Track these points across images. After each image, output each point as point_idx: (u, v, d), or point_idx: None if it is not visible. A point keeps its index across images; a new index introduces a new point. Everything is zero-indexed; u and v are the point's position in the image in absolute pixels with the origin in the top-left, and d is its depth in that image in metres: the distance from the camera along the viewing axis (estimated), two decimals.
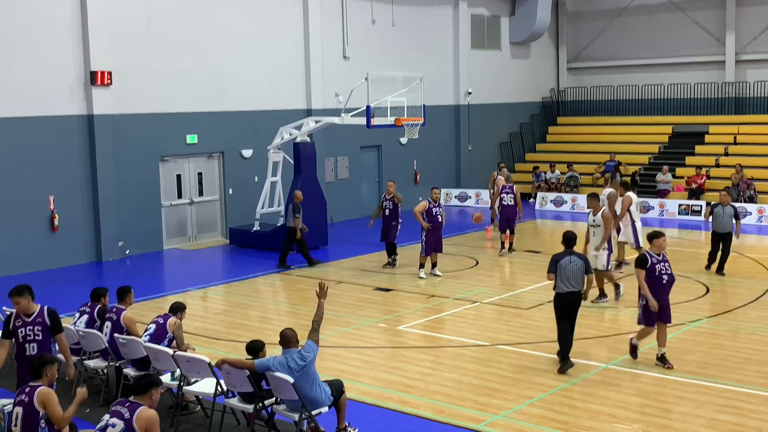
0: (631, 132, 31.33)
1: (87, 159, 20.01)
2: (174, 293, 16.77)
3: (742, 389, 10.45)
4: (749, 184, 25.55)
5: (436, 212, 17.10)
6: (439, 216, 17.12)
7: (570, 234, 11.63)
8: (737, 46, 30.49)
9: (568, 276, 11.20)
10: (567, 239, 11.59)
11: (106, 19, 19.96)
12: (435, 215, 17.09)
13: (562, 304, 11.34)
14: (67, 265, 19.52)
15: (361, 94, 19.69)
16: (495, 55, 31.77)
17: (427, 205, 17.17)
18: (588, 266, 11.38)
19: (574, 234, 11.67)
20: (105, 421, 7.01)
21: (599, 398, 10.24)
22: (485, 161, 31.12)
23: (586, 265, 11.33)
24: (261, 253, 20.90)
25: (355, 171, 26.83)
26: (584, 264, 11.33)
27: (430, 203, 17.18)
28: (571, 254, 11.33)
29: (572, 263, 11.21)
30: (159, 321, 10.35)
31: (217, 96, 22.60)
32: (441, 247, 17.44)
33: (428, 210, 17.10)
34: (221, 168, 23.25)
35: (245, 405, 9.01)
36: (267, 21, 23.75)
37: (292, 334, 8.77)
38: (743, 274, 17.23)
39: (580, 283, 11.24)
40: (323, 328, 13.85)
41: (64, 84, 19.56)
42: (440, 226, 17.19)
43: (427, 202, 17.23)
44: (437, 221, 17.10)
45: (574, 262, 11.23)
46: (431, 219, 17.06)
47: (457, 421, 9.66)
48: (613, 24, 33.29)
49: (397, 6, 27.47)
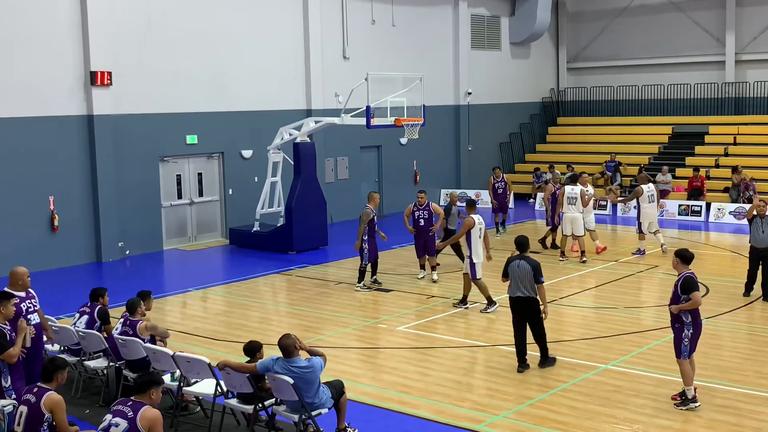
0: (631, 132, 31.32)
1: (87, 159, 20.01)
2: (174, 293, 16.77)
3: (742, 390, 10.45)
4: (748, 185, 25.53)
5: (418, 216, 17.00)
6: (422, 220, 16.97)
7: (521, 238, 11.55)
8: (737, 46, 30.48)
9: (517, 280, 11.14)
10: (518, 243, 11.52)
11: (106, 19, 19.96)
12: (417, 219, 17.01)
13: (512, 308, 11.33)
14: (67, 266, 19.52)
15: (361, 94, 19.68)
16: (495, 56, 31.78)
17: (412, 209, 17.16)
18: (537, 274, 11.07)
19: (525, 238, 11.56)
20: (107, 420, 7.01)
21: (599, 399, 10.24)
22: (485, 161, 31.11)
23: (535, 272, 11.06)
24: (261, 253, 20.91)
25: (355, 171, 26.83)
26: (532, 270, 11.06)
27: (415, 207, 17.13)
28: (521, 258, 11.23)
29: (520, 267, 11.13)
30: (128, 332, 10.09)
31: (217, 96, 22.60)
32: (432, 251, 17.14)
33: (412, 213, 17.15)
34: (221, 168, 23.25)
35: (245, 405, 9.01)
36: (267, 21, 23.75)
37: (290, 343, 8.63)
38: (742, 275, 17.20)
39: (529, 289, 11.08)
40: (323, 328, 13.90)
41: (64, 84, 19.56)
42: (423, 230, 16.98)
43: (412, 206, 17.21)
44: (419, 225, 16.99)
45: (522, 266, 11.13)
46: (414, 223, 17.06)
47: (457, 422, 9.66)
48: (613, 24, 33.29)
49: (397, 6, 27.47)
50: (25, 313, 9.44)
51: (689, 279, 9.71)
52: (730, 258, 19.47)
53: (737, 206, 24.78)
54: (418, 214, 17.06)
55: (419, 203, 17.15)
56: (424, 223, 17.00)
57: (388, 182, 27.97)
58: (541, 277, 11.13)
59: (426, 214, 17.05)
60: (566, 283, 16.72)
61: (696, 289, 9.63)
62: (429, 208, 17.09)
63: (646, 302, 14.99)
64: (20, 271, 9.64)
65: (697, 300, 9.63)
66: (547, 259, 18.31)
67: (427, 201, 17.25)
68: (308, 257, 20.21)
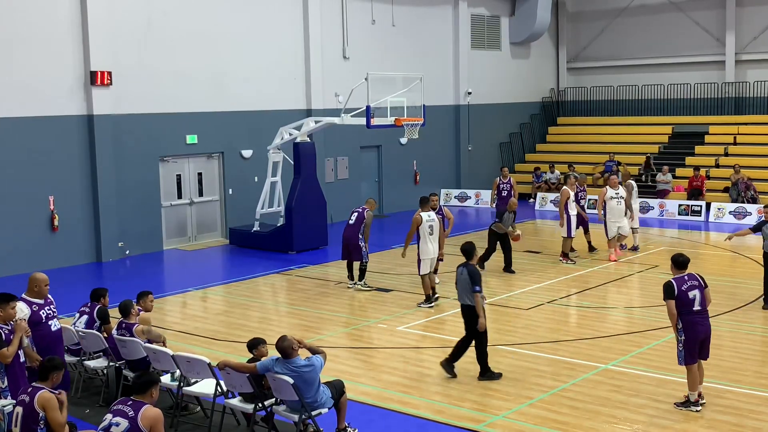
0: (631, 132, 31.32)
1: (87, 159, 20.01)
2: (174, 293, 16.77)
3: (742, 390, 10.46)
4: (749, 185, 25.54)
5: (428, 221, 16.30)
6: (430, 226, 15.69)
7: (466, 245, 11.40)
8: (737, 46, 30.48)
9: (460, 288, 11.06)
10: (463, 251, 11.39)
11: (106, 19, 19.96)
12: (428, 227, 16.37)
13: (462, 315, 11.23)
14: (67, 266, 19.52)
15: (361, 94, 19.69)
16: (495, 55, 31.78)
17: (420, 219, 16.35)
18: (474, 283, 10.82)
19: (470, 245, 11.42)
20: (108, 420, 7.02)
21: (599, 399, 10.25)
22: (485, 161, 31.15)
23: (471, 281, 10.85)
24: (261, 253, 20.91)
25: (355, 171, 26.83)
26: (469, 279, 10.88)
27: None
28: (464, 266, 11.10)
29: (462, 275, 11.02)
30: (125, 335, 10.09)
31: (217, 96, 22.60)
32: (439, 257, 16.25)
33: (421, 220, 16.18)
34: (221, 168, 23.26)
35: (245, 405, 9.01)
36: (267, 21, 23.75)
37: (287, 345, 8.64)
38: (742, 275, 17.22)
39: (470, 297, 10.93)
40: (323, 328, 13.90)
41: (64, 84, 19.56)
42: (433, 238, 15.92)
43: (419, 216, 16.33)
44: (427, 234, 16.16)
45: (463, 274, 11.00)
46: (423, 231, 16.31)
47: (457, 422, 9.66)
48: (613, 24, 33.29)
49: (397, 6, 27.47)
50: (45, 320, 9.30)
51: (665, 286, 9.74)
52: (729, 258, 19.47)
53: (737, 206, 24.79)
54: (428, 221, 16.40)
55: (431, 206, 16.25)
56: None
57: (388, 182, 27.97)
58: (477, 287, 10.82)
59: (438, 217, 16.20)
60: (566, 283, 16.72)
61: (670, 296, 9.63)
62: (441, 212, 16.41)
63: (646, 302, 14.98)
64: (39, 277, 9.36)
65: (669, 308, 9.66)
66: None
67: (439, 204, 16.64)
68: (308, 257, 20.21)
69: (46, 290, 9.42)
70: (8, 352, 8.50)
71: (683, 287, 9.72)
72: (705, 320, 9.84)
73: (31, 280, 9.42)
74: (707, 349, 9.92)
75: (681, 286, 9.72)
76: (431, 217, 15.04)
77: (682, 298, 9.67)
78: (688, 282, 9.80)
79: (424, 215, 15.00)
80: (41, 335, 9.28)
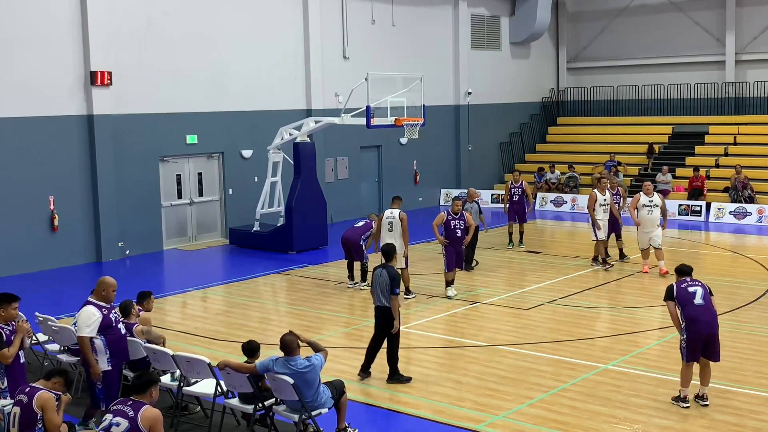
0: (631, 132, 31.31)
1: (87, 159, 20.01)
2: (174, 293, 16.77)
3: (742, 390, 10.46)
4: (746, 184, 25.54)
5: (455, 225, 15.51)
6: (458, 230, 15.52)
7: (387, 247, 11.53)
8: (737, 46, 30.47)
9: (377, 289, 10.97)
10: (383, 252, 11.45)
11: (106, 19, 19.96)
12: (453, 228, 15.49)
13: (375, 316, 11.17)
14: (67, 266, 19.53)
15: (361, 94, 19.69)
16: (495, 55, 31.77)
17: (445, 218, 15.62)
18: (394, 285, 10.76)
19: (391, 247, 11.54)
20: (108, 420, 7.03)
21: (599, 399, 10.25)
22: (485, 161, 31.15)
23: (390, 283, 10.77)
24: (261, 253, 20.91)
25: (355, 171, 26.83)
26: (389, 281, 10.78)
27: (449, 215, 15.64)
28: (383, 267, 11.05)
29: (381, 276, 10.95)
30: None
31: (217, 96, 22.60)
32: (461, 263, 16.00)
33: (446, 222, 15.55)
34: (221, 168, 23.26)
35: (245, 405, 9.01)
36: (267, 21, 23.75)
37: (292, 340, 8.68)
38: (742, 275, 17.22)
39: (387, 299, 10.83)
40: (323, 328, 13.90)
41: (64, 84, 19.56)
42: (459, 241, 15.57)
43: (445, 214, 15.73)
44: (455, 235, 15.50)
45: (382, 275, 10.93)
46: (448, 233, 15.48)
47: (457, 422, 9.66)
48: (613, 24, 33.28)
49: (397, 6, 27.47)
50: (115, 323, 9.04)
51: (666, 288, 10.08)
52: (730, 258, 19.48)
53: (737, 206, 24.80)
54: (454, 224, 15.54)
55: (454, 211, 15.69)
56: (461, 234, 15.60)
57: (388, 182, 27.97)
58: (396, 289, 10.81)
59: (462, 224, 15.63)
60: (566, 283, 16.71)
61: (669, 297, 9.94)
62: (463, 217, 15.74)
63: (646, 302, 14.98)
64: (108, 281, 9.08)
65: (669, 309, 9.99)
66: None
67: (461, 210, 15.93)
68: (308, 257, 20.21)
69: (113, 296, 9.11)
70: (9, 353, 8.50)
71: (682, 285, 9.95)
72: (708, 315, 9.84)
73: (99, 284, 9.08)
74: (714, 350, 9.88)
75: (680, 285, 9.96)
76: (392, 215, 15.58)
77: (682, 293, 9.87)
78: (689, 282, 10.01)
79: (386, 212, 15.78)
80: (114, 339, 8.98)
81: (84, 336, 8.73)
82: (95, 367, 8.77)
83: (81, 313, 8.87)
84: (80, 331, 8.77)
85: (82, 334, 8.74)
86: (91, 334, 8.74)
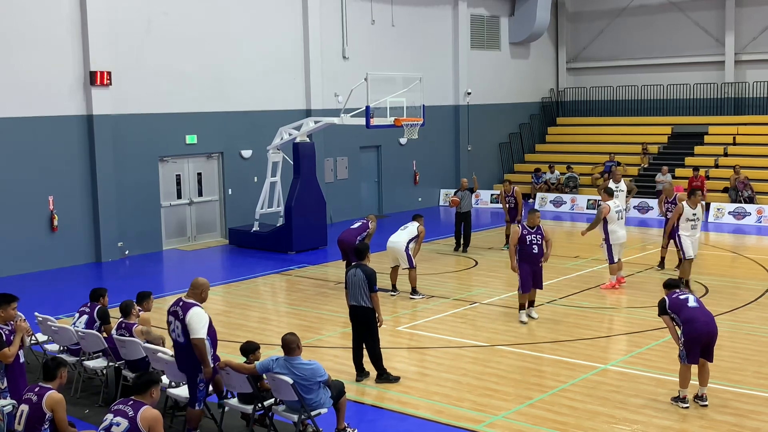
0: (630, 132, 31.32)
1: (86, 159, 20.01)
2: (173, 293, 16.75)
3: (741, 390, 10.47)
4: (746, 184, 25.55)
5: (531, 240, 13.60)
6: (535, 245, 13.60)
7: (360, 246, 11.56)
8: (737, 46, 30.49)
9: (353, 289, 10.97)
10: (356, 251, 11.47)
11: (106, 19, 19.96)
12: (530, 244, 13.60)
13: (350, 317, 11.21)
14: (67, 266, 19.53)
15: (361, 94, 19.69)
16: (494, 56, 31.78)
17: (520, 232, 13.75)
18: (371, 283, 10.80)
19: (364, 245, 11.59)
20: (108, 420, 7.04)
21: (598, 399, 10.25)
22: (485, 162, 31.15)
23: (368, 282, 10.80)
24: (260, 253, 20.91)
25: (355, 171, 26.83)
26: (366, 279, 10.81)
27: (524, 229, 13.74)
28: (358, 267, 11.05)
29: (356, 276, 10.95)
30: (124, 335, 10.10)
31: (216, 96, 22.60)
32: (540, 283, 13.99)
33: (521, 238, 13.63)
34: (221, 168, 23.26)
35: (244, 406, 9.01)
36: (267, 21, 23.75)
37: (293, 340, 8.72)
38: (742, 275, 17.23)
39: (365, 298, 10.87)
40: (322, 328, 13.91)
41: (64, 84, 19.56)
42: (537, 258, 13.70)
43: (520, 228, 13.89)
44: (532, 252, 13.61)
45: (357, 275, 10.93)
46: (524, 249, 13.60)
47: (456, 422, 9.66)
48: (612, 24, 33.30)
49: (397, 6, 27.47)
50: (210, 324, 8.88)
51: (658, 303, 10.18)
52: (729, 258, 19.48)
53: (737, 206, 24.81)
54: (530, 239, 13.63)
55: (530, 224, 13.78)
56: (538, 250, 13.71)
57: (387, 182, 27.98)
58: (375, 286, 10.86)
59: (539, 238, 13.71)
60: (566, 283, 16.71)
61: (663, 312, 10.07)
62: (541, 231, 13.81)
63: (645, 302, 14.97)
64: (201, 282, 8.99)
65: (665, 323, 10.17)
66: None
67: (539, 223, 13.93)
68: (307, 257, 20.21)
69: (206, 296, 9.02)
70: (10, 352, 8.50)
71: (673, 296, 10.08)
72: (705, 315, 9.88)
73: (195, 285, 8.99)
74: (711, 350, 9.90)
75: (671, 296, 10.10)
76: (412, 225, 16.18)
77: (674, 302, 10.00)
78: (679, 292, 10.17)
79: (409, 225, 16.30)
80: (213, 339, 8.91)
81: (203, 337, 8.61)
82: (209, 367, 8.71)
83: (192, 314, 8.67)
84: (198, 333, 8.60)
85: (201, 335, 8.60)
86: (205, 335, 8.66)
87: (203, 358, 8.65)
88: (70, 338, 10.78)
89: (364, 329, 11.07)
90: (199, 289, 8.95)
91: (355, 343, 11.27)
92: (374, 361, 11.13)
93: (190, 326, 8.62)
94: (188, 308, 8.73)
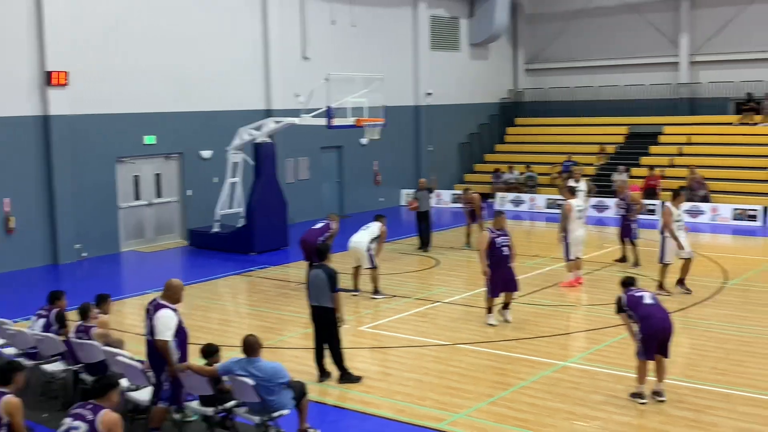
0: (587, 132, 31.67)
1: (43, 160, 19.71)
2: (132, 296, 16.58)
3: (698, 386, 10.65)
4: (702, 183, 25.96)
5: (500, 243, 13.50)
6: (504, 247, 13.50)
7: (321, 246, 11.67)
8: (691, 47, 30.99)
9: (315, 290, 11.02)
10: (318, 251, 11.52)
11: (62, 19, 19.67)
12: (499, 246, 13.46)
13: (312, 318, 11.25)
14: (24, 268, 19.21)
15: (322, 94, 19.67)
16: (454, 56, 31.93)
17: (489, 236, 13.61)
18: (333, 283, 10.83)
19: (325, 246, 11.71)
20: (67, 424, 6.94)
21: (558, 396, 10.36)
22: (445, 162, 31.28)
23: (330, 282, 10.84)
24: (221, 254, 20.77)
25: (316, 172, 26.78)
26: (328, 279, 10.84)
27: (492, 232, 13.66)
28: (319, 267, 11.09)
29: (318, 277, 10.97)
30: (82, 337, 9.99)
31: (176, 96, 22.40)
32: (514, 285, 13.79)
33: (491, 241, 13.50)
34: (180, 169, 23.06)
35: (205, 408, 8.95)
36: (226, 21, 23.60)
37: (254, 341, 8.71)
38: (698, 273, 17.49)
39: (326, 298, 10.91)
40: (284, 329, 13.86)
41: (19, 84, 19.25)
42: (505, 260, 13.56)
43: (488, 232, 13.75)
44: (502, 254, 13.48)
45: (319, 276, 10.96)
46: (494, 252, 13.43)
47: (419, 421, 9.70)
48: (570, 26, 33.65)
49: (357, 6, 27.47)
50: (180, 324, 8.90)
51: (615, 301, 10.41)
52: None
53: (691, 205, 25.19)
54: (498, 241, 13.51)
55: (496, 227, 13.74)
56: (508, 251, 13.59)
57: (349, 183, 27.97)
58: (336, 286, 10.90)
59: (507, 240, 13.64)
60: (526, 282, 16.79)
61: (620, 310, 10.28)
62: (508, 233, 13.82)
63: (603, 300, 15.15)
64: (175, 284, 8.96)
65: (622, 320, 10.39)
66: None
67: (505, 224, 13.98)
68: (269, 258, 20.13)
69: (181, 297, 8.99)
70: None
71: (629, 293, 10.28)
72: (661, 312, 10.08)
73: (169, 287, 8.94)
74: (667, 346, 10.06)
75: (627, 293, 10.30)
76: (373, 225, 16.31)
77: (631, 299, 10.21)
78: (635, 289, 10.37)
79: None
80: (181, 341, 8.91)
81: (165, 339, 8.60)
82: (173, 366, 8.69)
83: (160, 316, 8.65)
84: (162, 335, 8.59)
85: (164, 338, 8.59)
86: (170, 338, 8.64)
87: (166, 358, 8.66)
88: (27, 342, 10.62)
89: (325, 330, 11.07)
90: (172, 291, 8.94)
91: (317, 344, 11.26)
92: (336, 361, 11.12)
93: (155, 327, 8.68)
94: (158, 309, 8.78)
